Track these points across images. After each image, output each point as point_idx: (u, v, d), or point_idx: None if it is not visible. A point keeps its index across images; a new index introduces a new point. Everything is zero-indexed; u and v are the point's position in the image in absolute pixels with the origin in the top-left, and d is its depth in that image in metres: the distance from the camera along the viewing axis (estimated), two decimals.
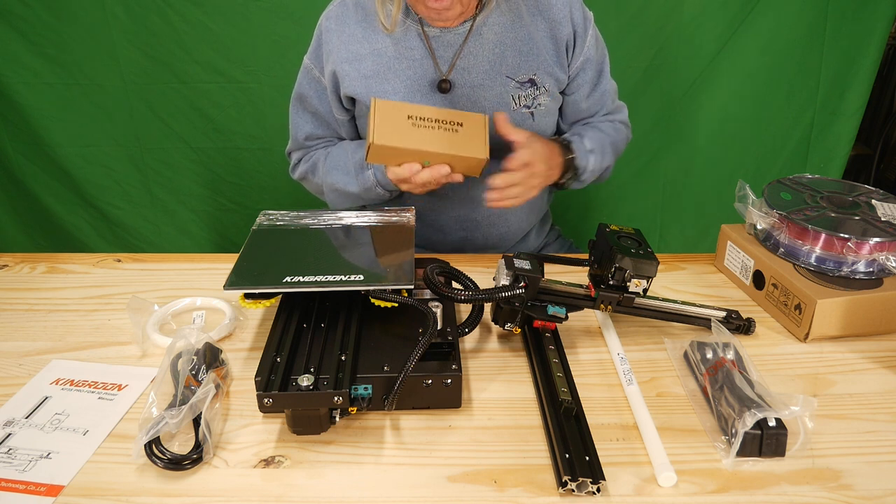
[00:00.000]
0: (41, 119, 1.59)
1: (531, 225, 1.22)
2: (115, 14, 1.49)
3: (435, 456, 0.65)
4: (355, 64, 1.02)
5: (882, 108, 2.20)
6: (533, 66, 1.03)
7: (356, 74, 1.02)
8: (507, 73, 1.03)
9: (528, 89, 1.04)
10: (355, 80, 1.02)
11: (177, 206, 1.73)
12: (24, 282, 0.96)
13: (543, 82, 1.04)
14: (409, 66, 1.02)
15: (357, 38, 1.02)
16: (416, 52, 1.02)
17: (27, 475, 0.62)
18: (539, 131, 1.07)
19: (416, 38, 1.01)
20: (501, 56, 1.02)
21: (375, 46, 1.02)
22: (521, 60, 1.03)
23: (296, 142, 1.15)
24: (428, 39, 1.01)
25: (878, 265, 0.82)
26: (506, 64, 1.02)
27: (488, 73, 1.02)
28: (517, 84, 1.03)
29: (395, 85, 1.02)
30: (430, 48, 1.01)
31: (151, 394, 0.67)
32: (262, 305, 0.75)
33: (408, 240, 0.84)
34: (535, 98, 1.04)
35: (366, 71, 1.02)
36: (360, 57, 1.02)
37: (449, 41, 1.01)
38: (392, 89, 1.02)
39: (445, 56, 1.02)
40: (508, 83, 1.03)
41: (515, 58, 1.02)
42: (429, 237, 1.17)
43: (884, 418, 0.70)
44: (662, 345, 0.81)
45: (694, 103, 1.60)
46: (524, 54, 1.02)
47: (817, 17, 1.51)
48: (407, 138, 0.91)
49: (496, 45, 1.02)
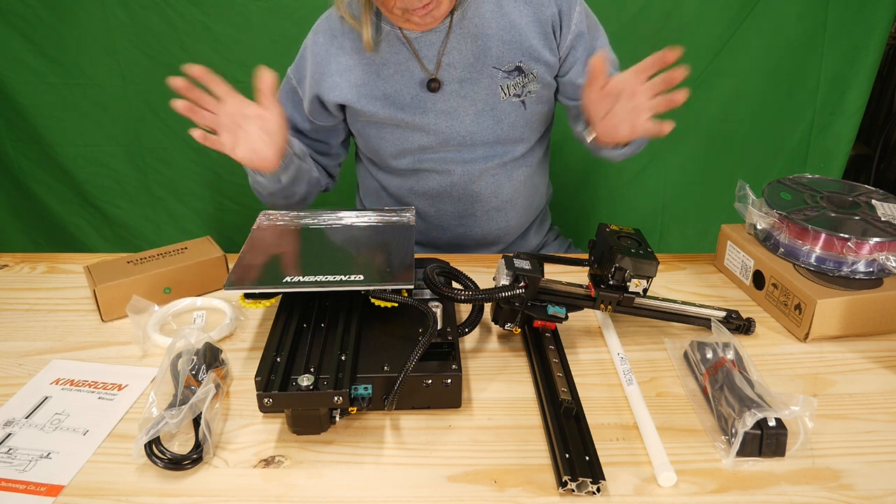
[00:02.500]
0: (41, 119, 1.59)
1: (530, 220, 1.22)
2: (115, 14, 1.49)
3: (435, 456, 0.65)
4: (345, 75, 1.03)
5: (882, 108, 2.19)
6: (518, 53, 1.02)
7: (347, 84, 1.03)
8: (493, 64, 1.02)
9: (516, 77, 1.03)
10: (346, 89, 1.03)
11: (177, 206, 1.72)
12: (24, 282, 0.96)
13: (531, 69, 1.03)
14: (395, 71, 1.02)
15: (346, 49, 1.03)
16: (401, 56, 1.02)
17: (27, 475, 0.62)
18: (532, 120, 1.07)
19: (397, 42, 1.02)
20: (485, 47, 1.01)
21: (364, 56, 1.03)
22: (505, 49, 1.02)
23: None
24: (410, 42, 1.01)
25: (878, 265, 0.82)
26: (490, 54, 1.02)
27: (474, 66, 1.02)
28: (504, 73, 1.02)
29: (386, 90, 1.03)
30: (414, 50, 1.01)
31: (151, 394, 0.67)
32: (262, 305, 0.75)
33: (408, 240, 0.84)
34: (525, 86, 1.04)
35: (355, 80, 1.03)
36: (349, 68, 1.03)
37: (431, 40, 1.01)
38: (382, 94, 1.03)
39: (430, 55, 1.02)
40: (496, 74, 1.02)
41: (500, 47, 1.02)
42: (427, 233, 1.18)
43: (884, 418, 0.70)
44: (662, 345, 0.81)
45: (694, 103, 1.60)
46: (507, 42, 1.02)
47: (817, 17, 1.51)
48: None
49: (478, 36, 1.01)
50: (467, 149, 1.07)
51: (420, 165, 1.09)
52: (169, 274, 0.89)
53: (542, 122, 1.11)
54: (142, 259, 0.90)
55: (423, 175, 1.10)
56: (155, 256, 0.91)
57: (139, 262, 0.90)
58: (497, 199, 1.13)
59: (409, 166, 1.10)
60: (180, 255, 0.92)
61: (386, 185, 1.16)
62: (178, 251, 0.93)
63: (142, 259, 0.90)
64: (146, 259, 0.90)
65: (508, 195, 1.13)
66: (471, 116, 1.04)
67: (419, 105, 1.03)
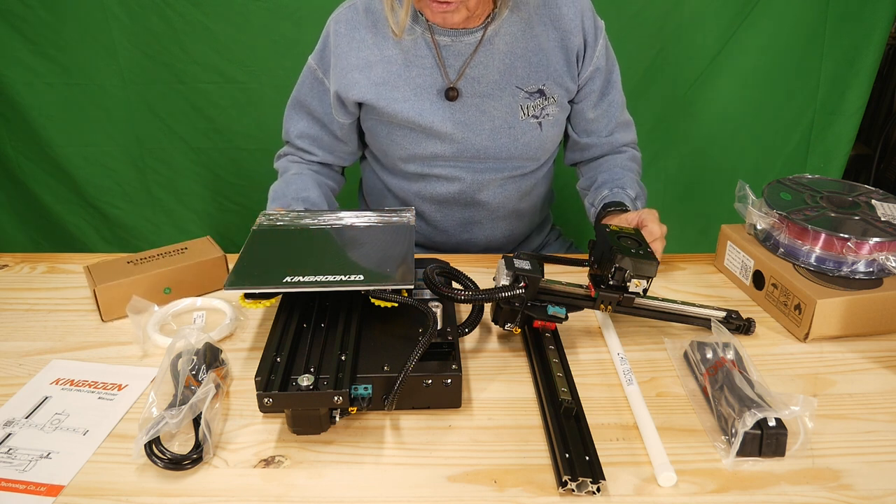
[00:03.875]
0: (41, 119, 1.59)
1: (534, 226, 1.23)
2: (115, 14, 1.49)
3: (435, 456, 0.65)
4: (366, 71, 1.02)
5: (882, 108, 2.19)
6: (542, 76, 1.03)
7: (366, 81, 1.02)
8: (516, 84, 1.03)
9: (537, 99, 1.03)
10: (365, 87, 1.02)
11: (177, 206, 1.72)
12: (24, 282, 0.96)
13: (552, 92, 1.04)
14: (418, 74, 1.02)
15: (367, 44, 1.02)
16: (425, 61, 1.01)
17: (27, 475, 0.62)
18: (546, 141, 1.08)
19: (425, 46, 1.01)
20: (511, 66, 1.02)
21: (385, 53, 1.02)
22: (530, 70, 1.02)
23: (286, 135, 1.15)
24: (437, 48, 1.01)
25: (878, 265, 0.82)
26: (516, 74, 1.02)
27: (498, 82, 1.02)
28: (526, 94, 1.03)
29: (405, 92, 1.02)
30: (440, 56, 1.01)
31: (151, 394, 0.67)
32: (262, 305, 0.75)
33: (408, 240, 0.84)
34: (544, 108, 1.04)
35: (376, 78, 1.02)
36: (370, 64, 1.02)
37: (459, 50, 1.01)
38: (402, 96, 1.02)
39: (455, 65, 1.02)
40: (518, 93, 1.03)
41: (525, 68, 1.02)
42: (431, 237, 1.17)
43: (884, 418, 0.70)
44: (662, 345, 0.81)
45: (694, 103, 1.60)
46: (534, 64, 1.02)
47: (817, 17, 1.51)
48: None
49: (506, 55, 1.02)
50: (479, 161, 1.07)
51: (429, 171, 1.08)
52: (169, 274, 0.89)
53: (554, 144, 1.12)
54: (142, 259, 0.90)
55: (431, 181, 1.10)
56: (155, 256, 0.91)
57: (139, 263, 0.90)
58: (504, 209, 1.13)
59: (418, 171, 1.09)
60: (180, 256, 0.92)
61: (391, 186, 1.15)
62: (178, 251, 0.93)
63: (142, 259, 0.90)
64: (146, 259, 0.90)
65: (515, 205, 1.13)
66: (487, 132, 1.04)
67: (437, 112, 1.02)
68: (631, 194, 1.06)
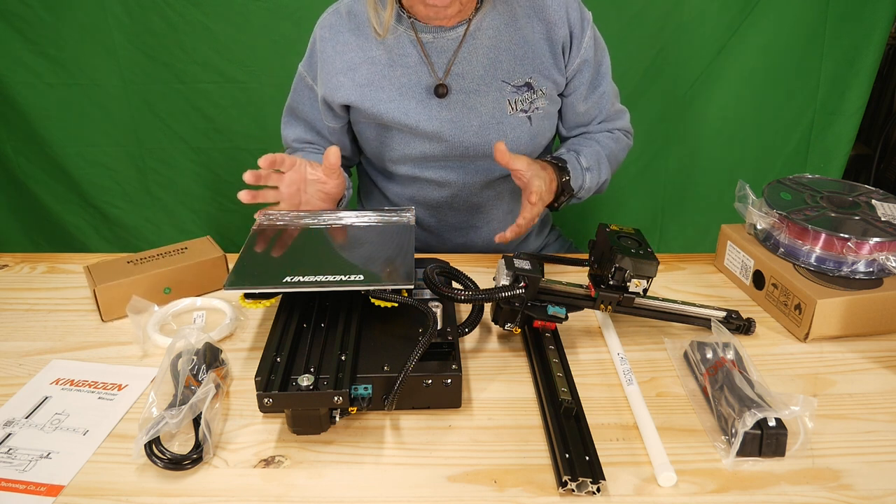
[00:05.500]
0: (41, 119, 1.59)
1: (533, 228, 1.22)
2: (115, 14, 1.49)
3: (435, 456, 0.65)
4: (350, 73, 1.02)
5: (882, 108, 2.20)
6: (529, 69, 1.02)
7: (351, 84, 1.02)
8: (502, 78, 1.02)
9: (525, 93, 1.03)
10: (350, 89, 1.02)
11: (177, 207, 1.73)
12: (24, 282, 0.96)
13: (540, 85, 1.03)
14: (403, 73, 1.01)
15: (351, 46, 1.02)
16: (410, 59, 1.01)
17: (27, 475, 0.62)
18: (537, 135, 1.06)
19: (409, 44, 1.01)
20: (496, 60, 1.01)
21: (369, 54, 1.02)
22: (516, 64, 1.02)
23: (285, 141, 1.17)
24: (422, 45, 1.01)
25: (878, 265, 0.82)
26: (501, 68, 1.01)
27: (483, 77, 1.01)
28: (513, 88, 1.02)
29: (390, 92, 1.01)
30: (425, 54, 1.01)
31: (151, 394, 0.67)
32: (262, 305, 0.75)
33: (408, 240, 0.84)
34: (532, 102, 1.03)
35: (360, 80, 1.02)
36: (354, 66, 1.02)
37: (443, 46, 1.01)
38: (387, 96, 1.02)
39: (440, 62, 1.01)
40: (504, 87, 1.02)
41: (511, 61, 1.01)
42: (428, 241, 1.17)
43: (884, 418, 0.70)
44: (662, 345, 0.81)
45: (694, 104, 1.60)
46: (519, 58, 1.02)
47: (817, 17, 1.51)
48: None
49: (491, 49, 1.01)
50: (469, 160, 1.06)
51: (420, 174, 1.08)
52: (169, 274, 0.89)
53: (546, 138, 1.11)
54: (142, 259, 0.90)
55: (423, 185, 1.09)
56: (155, 256, 0.91)
57: (139, 262, 0.90)
58: (499, 211, 1.13)
59: (409, 173, 1.08)
60: (180, 256, 0.92)
61: (386, 191, 1.15)
62: (177, 251, 0.93)
63: (142, 259, 0.90)
64: (146, 259, 0.90)
65: (510, 206, 1.13)
66: (475, 128, 1.03)
67: (423, 111, 1.02)
68: (583, 163, 1.03)
